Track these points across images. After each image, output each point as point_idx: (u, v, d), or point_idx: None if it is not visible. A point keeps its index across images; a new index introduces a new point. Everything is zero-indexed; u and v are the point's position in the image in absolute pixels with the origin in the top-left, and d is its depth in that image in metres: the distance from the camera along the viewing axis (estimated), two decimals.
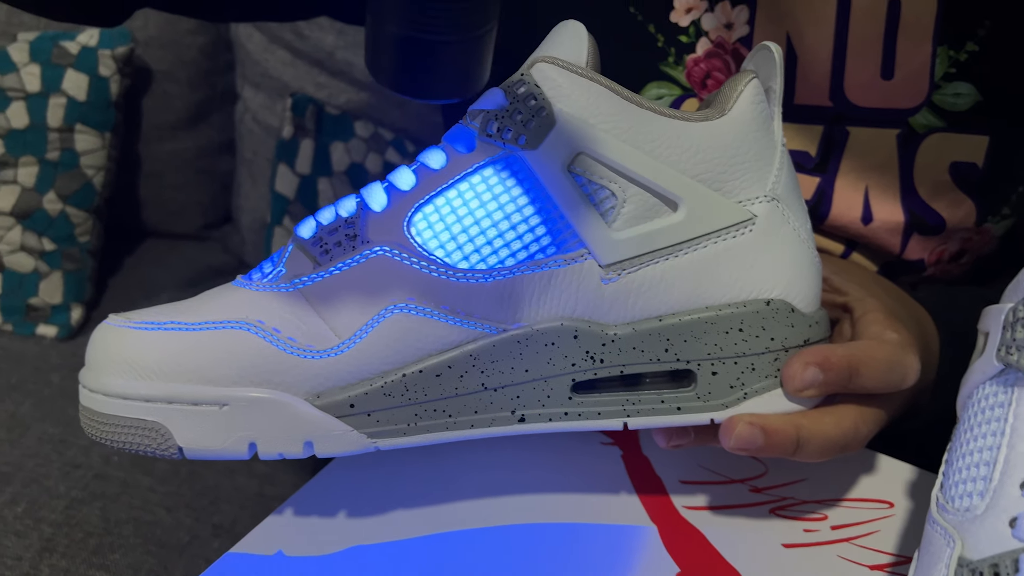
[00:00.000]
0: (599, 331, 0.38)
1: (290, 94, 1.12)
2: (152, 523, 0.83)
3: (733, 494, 0.44)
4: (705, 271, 0.38)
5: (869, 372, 0.38)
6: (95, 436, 0.37)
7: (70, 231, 1.09)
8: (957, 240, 0.51)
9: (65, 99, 1.07)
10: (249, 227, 1.22)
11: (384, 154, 1.13)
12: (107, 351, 0.37)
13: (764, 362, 0.39)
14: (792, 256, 0.39)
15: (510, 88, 0.37)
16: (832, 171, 0.51)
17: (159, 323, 0.37)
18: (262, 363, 0.36)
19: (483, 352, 0.37)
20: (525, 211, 0.37)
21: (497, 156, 0.37)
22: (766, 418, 0.38)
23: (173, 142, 1.21)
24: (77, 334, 1.09)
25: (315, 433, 0.37)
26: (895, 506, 0.43)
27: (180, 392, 0.36)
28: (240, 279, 0.39)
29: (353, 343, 0.36)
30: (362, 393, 0.37)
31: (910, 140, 0.49)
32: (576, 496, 0.43)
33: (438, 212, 0.37)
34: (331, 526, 0.41)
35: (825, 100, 0.49)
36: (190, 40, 1.17)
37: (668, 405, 0.39)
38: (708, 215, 0.37)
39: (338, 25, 1.10)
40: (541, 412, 0.39)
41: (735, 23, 0.49)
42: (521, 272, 0.37)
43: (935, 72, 0.47)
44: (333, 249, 0.37)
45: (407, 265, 0.37)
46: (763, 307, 0.38)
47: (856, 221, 0.51)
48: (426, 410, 0.38)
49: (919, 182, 0.49)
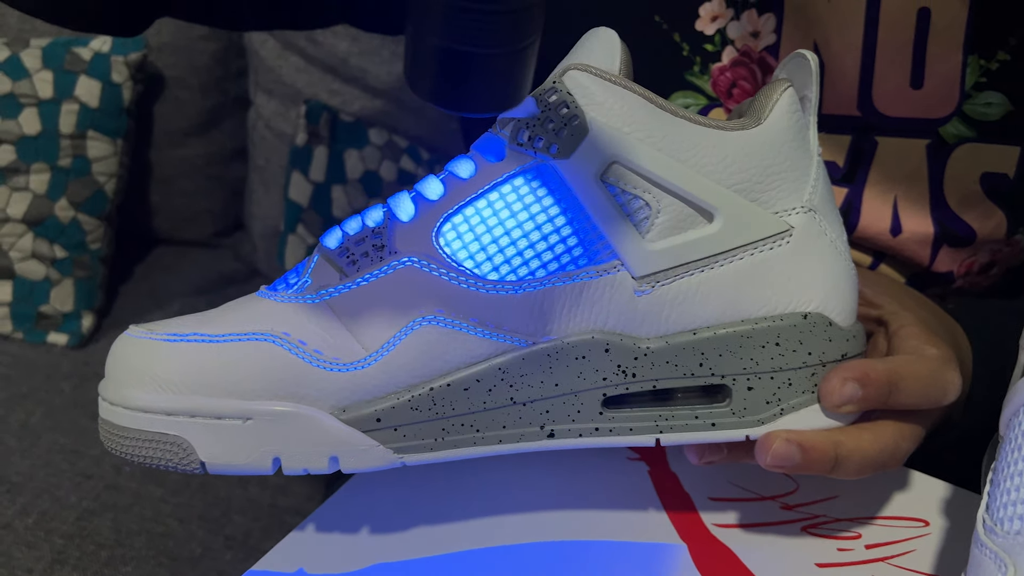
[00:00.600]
0: (631, 344, 0.37)
1: (304, 101, 1.11)
2: (164, 535, 0.82)
3: (764, 511, 0.43)
4: (741, 284, 0.37)
5: (909, 388, 0.37)
6: (115, 450, 0.37)
7: (81, 238, 1.08)
8: (987, 252, 0.51)
9: (77, 105, 1.07)
10: (261, 235, 1.21)
11: (399, 162, 1.12)
12: (128, 363, 0.36)
13: (801, 377, 0.38)
14: (829, 268, 0.38)
15: (541, 96, 0.37)
16: (860, 182, 0.50)
17: (181, 335, 0.36)
18: (287, 376, 0.35)
19: (512, 365, 0.36)
20: (556, 221, 0.36)
21: (528, 165, 0.36)
22: (803, 434, 0.37)
23: (185, 149, 1.21)
24: (88, 342, 1.08)
25: (341, 448, 0.36)
26: (930, 524, 0.42)
27: (203, 406, 0.35)
28: (264, 290, 0.38)
29: (380, 356, 0.35)
30: (389, 407, 0.36)
31: (940, 150, 0.48)
32: (603, 513, 0.42)
33: (467, 222, 0.36)
34: (353, 543, 0.40)
35: (853, 110, 0.48)
36: (202, 46, 1.17)
37: (702, 421, 0.38)
38: (744, 226, 0.36)
39: (352, 31, 1.10)
40: (571, 427, 0.38)
41: (762, 31, 0.48)
42: (552, 284, 0.36)
43: (965, 81, 0.46)
44: (360, 259, 0.36)
45: (436, 276, 0.36)
46: (800, 321, 0.37)
47: (885, 232, 0.50)
48: (453, 425, 0.37)
49: (949, 193, 0.49)
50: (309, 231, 1.12)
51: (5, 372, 1.01)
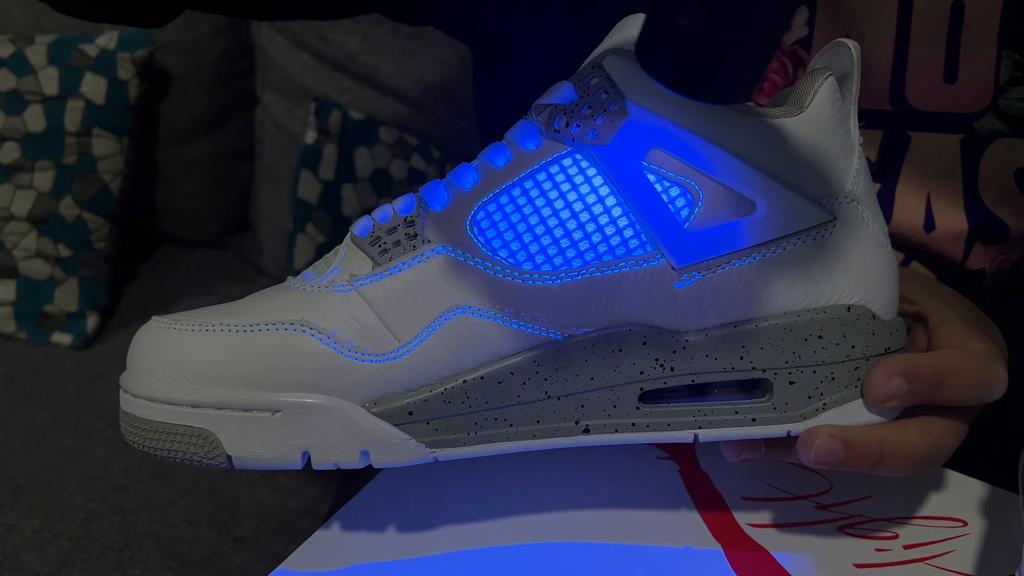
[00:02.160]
0: (670, 337, 0.36)
1: (314, 99, 1.10)
2: (173, 537, 0.81)
3: (798, 511, 0.42)
4: (784, 275, 0.36)
5: (955, 383, 0.36)
6: (137, 444, 0.35)
7: (86, 237, 1.07)
8: (1019, 249, 0.50)
9: (83, 103, 1.06)
10: (268, 234, 1.20)
11: (409, 160, 1.11)
12: (152, 354, 0.35)
13: (844, 371, 0.36)
14: (873, 261, 0.37)
15: (579, 81, 0.36)
16: (893, 178, 0.49)
17: (208, 324, 0.35)
18: (317, 368, 0.34)
19: (547, 358, 0.35)
20: (594, 209, 0.35)
21: (565, 152, 0.35)
22: (848, 430, 0.36)
23: (191, 147, 1.20)
24: (93, 342, 1.07)
25: (372, 442, 0.35)
26: (968, 524, 0.41)
27: (230, 397, 0.34)
28: (291, 280, 0.37)
29: (413, 347, 0.34)
30: (421, 400, 0.35)
31: (974, 146, 0.47)
32: (633, 512, 0.41)
33: (502, 211, 0.35)
34: (378, 542, 0.39)
35: (885, 104, 0.48)
36: (210, 44, 1.16)
37: (742, 416, 0.37)
38: (788, 216, 0.35)
39: (362, 28, 1.09)
40: (607, 423, 0.37)
41: (794, 24, 0.48)
42: (589, 274, 0.35)
43: (1000, 76, 0.46)
44: (392, 248, 0.35)
45: (470, 265, 0.35)
46: (844, 313, 0.36)
47: (918, 229, 0.49)
48: (486, 419, 0.36)
49: (983, 189, 0.48)
50: (319, 230, 1.10)
51: (9, 373, 1.00)
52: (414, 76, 1.10)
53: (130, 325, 1.09)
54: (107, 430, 0.92)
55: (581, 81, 0.36)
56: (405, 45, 1.09)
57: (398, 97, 1.11)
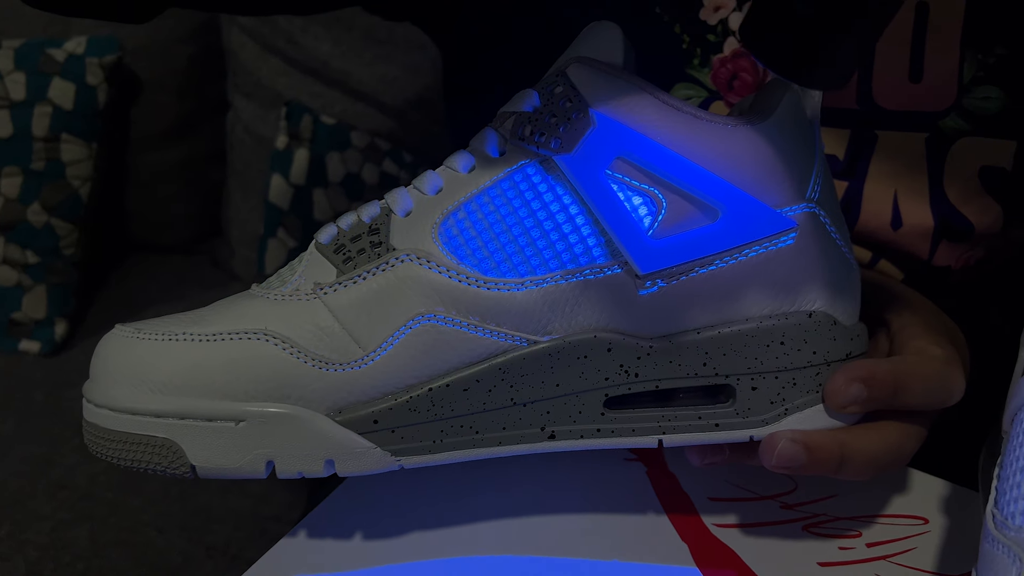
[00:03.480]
0: (634, 344, 0.36)
1: (284, 103, 1.10)
2: (143, 544, 0.80)
3: (764, 511, 0.42)
4: (746, 282, 0.36)
5: (915, 389, 0.37)
6: (100, 454, 0.35)
7: (55, 243, 1.06)
8: (983, 247, 0.51)
9: (51, 108, 1.05)
10: (239, 239, 1.19)
11: (381, 165, 1.11)
12: (115, 363, 0.35)
13: (806, 377, 0.37)
14: (834, 267, 0.37)
15: (544, 89, 0.36)
16: (860, 175, 0.50)
17: (171, 333, 0.35)
18: (281, 377, 0.34)
19: (513, 365, 0.36)
20: (559, 218, 0.35)
21: (529, 161, 0.35)
22: (809, 435, 0.36)
23: (162, 152, 1.19)
24: (61, 350, 1.06)
25: (336, 451, 0.35)
26: (930, 522, 0.42)
27: (194, 407, 0.34)
28: (256, 288, 0.37)
29: (378, 356, 0.34)
30: (386, 408, 0.35)
31: (939, 144, 0.48)
32: (602, 515, 0.41)
33: (468, 219, 0.35)
34: (345, 549, 0.39)
35: (852, 103, 0.48)
36: (180, 49, 1.15)
37: (706, 422, 0.37)
38: (749, 223, 0.36)
39: (334, 34, 1.09)
40: (572, 428, 0.37)
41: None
42: (555, 282, 0.35)
43: (963, 75, 0.46)
44: (356, 256, 0.35)
45: (435, 274, 0.35)
46: (805, 320, 0.37)
47: (886, 226, 0.50)
48: (452, 426, 0.36)
49: (948, 186, 0.49)
50: (290, 235, 1.10)
51: None
52: (386, 81, 1.10)
53: (99, 332, 1.05)
54: (75, 438, 0.91)
55: (545, 89, 0.36)
56: (377, 50, 1.09)
57: (370, 102, 1.11)
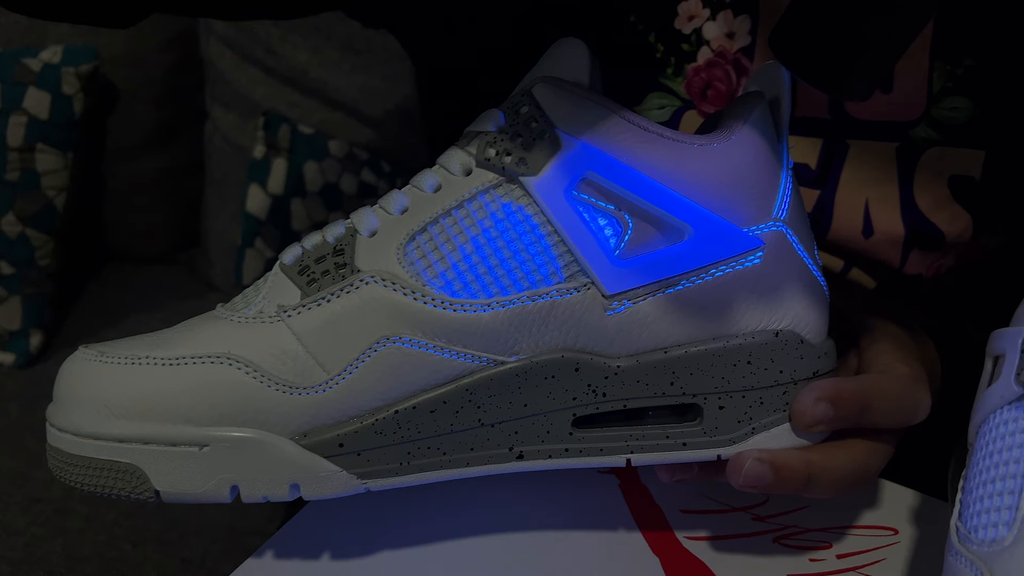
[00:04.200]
0: (601, 363, 0.36)
1: (262, 113, 1.09)
2: (117, 559, 0.80)
3: (735, 523, 0.42)
4: (712, 301, 0.36)
5: (881, 407, 0.37)
6: (64, 479, 0.35)
7: (30, 254, 1.05)
8: (953, 255, 0.51)
9: (26, 118, 1.04)
10: (218, 249, 1.19)
11: (359, 174, 1.11)
12: (77, 387, 0.35)
13: (773, 395, 0.37)
14: (801, 285, 0.37)
15: (510, 109, 0.36)
16: (832, 184, 0.50)
17: (134, 357, 0.35)
18: (244, 401, 0.34)
19: (480, 386, 0.35)
20: (525, 239, 0.35)
21: (496, 181, 0.35)
22: (775, 454, 0.36)
23: (139, 162, 1.18)
24: (36, 361, 1.05)
25: (301, 475, 0.35)
26: (899, 533, 0.42)
27: (156, 432, 0.34)
28: (221, 309, 0.36)
29: (342, 379, 0.34)
30: (352, 431, 0.35)
31: (909, 153, 0.49)
32: (574, 528, 0.41)
33: (434, 239, 0.35)
34: (313, 569, 0.39)
35: (824, 113, 0.49)
36: (158, 58, 1.14)
37: (673, 441, 0.37)
38: (715, 243, 0.36)
39: (312, 43, 1.08)
40: (540, 448, 0.37)
41: (737, 32, 0.49)
42: (521, 303, 0.35)
43: (932, 86, 0.47)
44: (320, 278, 0.35)
45: (400, 296, 0.35)
46: (772, 339, 0.37)
47: (857, 235, 0.50)
48: (419, 448, 0.36)
49: (919, 195, 0.49)
50: (267, 245, 1.10)
51: None
52: (364, 91, 1.09)
53: (76, 343, 1.05)
54: None
55: (511, 109, 0.36)
56: (355, 60, 1.09)
57: (348, 112, 1.11)
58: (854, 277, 0.52)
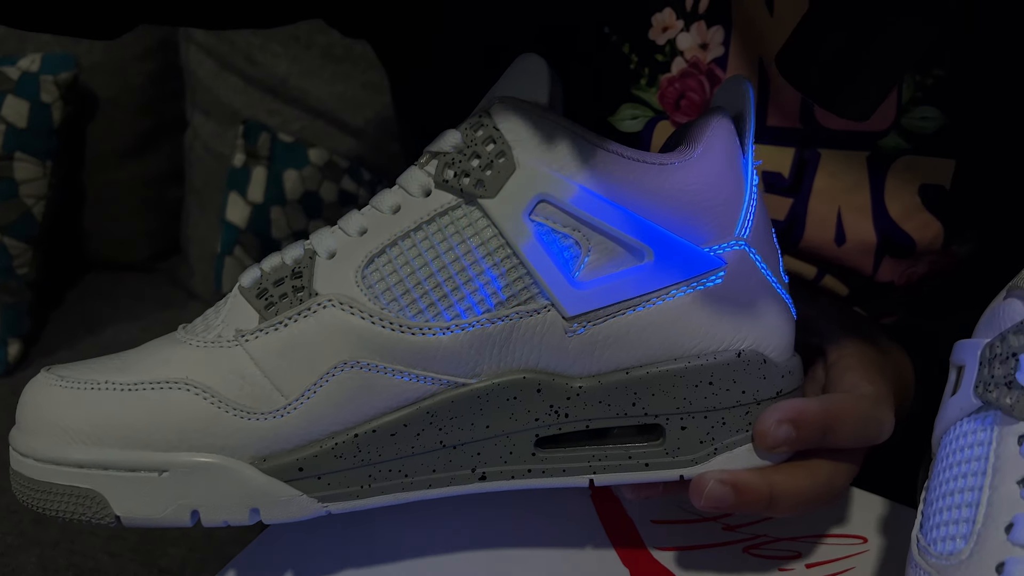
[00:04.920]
0: (563, 384, 0.36)
1: (242, 121, 1.09)
2: (94, 570, 0.79)
3: (705, 533, 0.42)
4: (674, 322, 0.36)
5: (843, 429, 0.37)
6: (26, 503, 0.35)
7: (8, 263, 1.05)
8: (925, 263, 0.52)
9: (4, 126, 1.04)
10: (198, 258, 1.18)
11: (339, 182, 1.11)
12: (38, 412, 0.35)
13: (735, 416, 0.37)
14: (764, 304, 0.37)
15: (467, 131, 0.36)
16: (805, 192, 0.50)
17: (94, 382, 0.34)
18: (203, 427, 0.34)
19: (441, 409, 0.35)
20: (485, 262, 0.35)
21: (453, 203, 0.35)
22: (737, 475, 0.36)
23: (119, 171, 1.18)
24: (15, 370, 1.04)
25: (261, 499, 0.35)
26: (868, 541, 0.42)
27: (116, 458, 0.34)
28: (182, 331, 0.36)
29: (301, 403, 0.34)
30: (311, 455, 0.35)
31: (880, 162, 0.49)
32: (545, 539, 0.41)
33: (392, 263, 0.35)
34: None
35: (796, 122, 0.49)
36: (138, 67, 1.14)
37: (636, 461, 0.37)
38: (676, 264, 0.36)
39: (292, 52, 1.08)
40: (503, 469, 0.37)
41: (710, 43, 0.49)
42: (481, 325, 0.35)
43: (902, 96, 0.47)
44: (279, 302, 0.35)
45: (358, 320, 0.34)
46: (734, 359, 0.37)
47: (830, 242, 0.51)
48: (380, 471, 0.36)
49: (890, 203, 0.50)
50: (247, 253, 1.09)
51: None
52: (344, 99, 1.09)
53: (55, 352, 1.07)
54: None
55: (470, 129, 0.36)
56: (335, 68, 1.09)
57: (328, 120, 1.11)
58: (827, 284, 0.53)
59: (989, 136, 0.48)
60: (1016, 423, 0.31)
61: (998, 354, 0.32)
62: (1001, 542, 0.29)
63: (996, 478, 0.31)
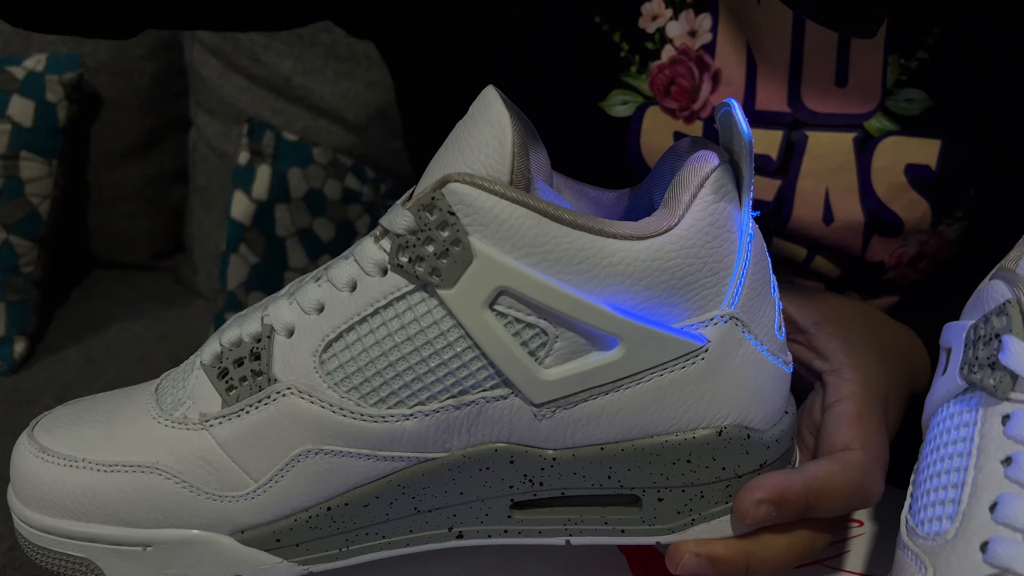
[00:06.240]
0: (537, 455, 0.35)
1: (246, 120, 1.09)
2: None
3: None
4: (649, 404, 0.35)
5: (827, 504, 0.36)
6: (32, 559, 0.37)
7: (14, 261, 1.06)
8: (915, 242, 0.52)
9: (10, 125, 1.04)
10: (202, 256, 1.19)
11: (343, 180, 1.11)
12: (26, 482, 0.36)
13: (714, 490, 0.36)
14: (750, 378, 0.35)
15: (420, 212, 0.32)
16: (793, 174, 0.51)
17: (71, 460, 0.35)
18: (178, 507, 0.35)
19: (412, 481, 0.35)
20: (444, 353, 0.33)
21: (411, 289, 0.33)
22: (713, 547, 0.36)
23: (123, 170, 1.18)
24: (20, 368, 1.05)
25: (244, 568, 0.36)
26: (864, 525, 0.42)
27: (101, 533, 0.35)
28: (153, 404, 0.36)
29: (269, 487, 0.35)
30: (287, 528, 0.35)
31: (866, 144, 0.50)
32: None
33: (350, 349, 0.34)
34: None
35: (784, 106, 0.50)
36: (142, 66, 1.14)
37: (612, 527, 0.37)
38: (650, 352, 0.34)
39: (296, 51, 1.08)
40: (480, 529, 0.37)
41: (698, 31, 0.50)
42: (446, 410, 0.34)
43: (887, 79, 0.48)
44: (239, 386, 0.35)
45: (318, 408, 0.34)
46: (714, 438, 0.35)
47: (818, 222, 0.51)
48: (357, 535, 0.36)
49: (876, 183, 0.50)
50: (252, 250, 1.10)
51: None
52: (348, 97, 1.09)
53: (61, 350, 1.08)
54: None
55: (422, 212, 0.32)
56: (339, 67, 1.08)
57: (332, 118, 1.10)
58: (817, 265, 0.53)
59: (974, 117, 0.49)
60: (1000, 403, 0.31)
61: (982, 335, 0.32)
62: (985, 521, 0.29)
63: (981, 458, 0.31)
